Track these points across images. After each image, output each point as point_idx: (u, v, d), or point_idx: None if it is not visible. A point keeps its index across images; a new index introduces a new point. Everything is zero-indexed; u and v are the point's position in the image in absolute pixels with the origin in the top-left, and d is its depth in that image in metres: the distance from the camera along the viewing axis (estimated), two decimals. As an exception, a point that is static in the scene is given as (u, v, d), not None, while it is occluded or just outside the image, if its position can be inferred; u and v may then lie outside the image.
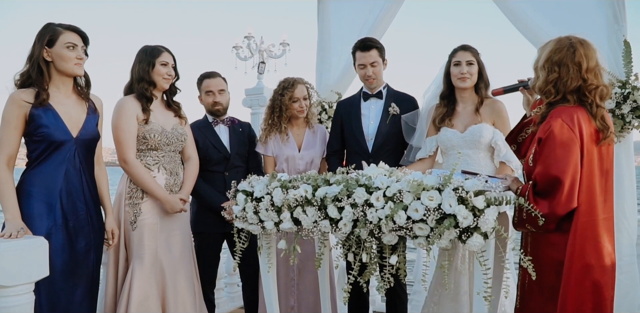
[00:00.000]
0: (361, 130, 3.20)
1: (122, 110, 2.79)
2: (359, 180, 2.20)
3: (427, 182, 2.05)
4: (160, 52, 2.87)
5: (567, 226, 2.08)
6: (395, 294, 3.07)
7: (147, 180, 2.78)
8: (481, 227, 1.96)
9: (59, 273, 2.37)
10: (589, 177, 2.09)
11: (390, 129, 3.15)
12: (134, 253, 2.74)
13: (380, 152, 3.13)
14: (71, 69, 2.49)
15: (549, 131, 2.07)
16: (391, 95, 3.23)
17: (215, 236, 3.27)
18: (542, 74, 2.17)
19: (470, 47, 2.96)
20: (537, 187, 2.09)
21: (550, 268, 2.10)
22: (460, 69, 2.90)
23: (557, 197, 2.03)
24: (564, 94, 2.13)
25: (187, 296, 2.85)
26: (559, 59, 2.13)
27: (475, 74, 2.92)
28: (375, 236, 2.15)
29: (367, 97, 3.27)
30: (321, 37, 4.39)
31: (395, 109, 3.16)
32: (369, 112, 3.23)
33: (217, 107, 3.31)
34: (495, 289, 2.20)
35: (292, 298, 3.26)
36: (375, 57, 3.17)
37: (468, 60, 2.91)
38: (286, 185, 2.39)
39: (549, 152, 2.06)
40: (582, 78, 2.11)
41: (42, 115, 2.42)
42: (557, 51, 2.15)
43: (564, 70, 2.12)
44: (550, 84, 2.15)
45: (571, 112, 2.09)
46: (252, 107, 4.78)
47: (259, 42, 5.43)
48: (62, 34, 2.47)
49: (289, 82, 3.25)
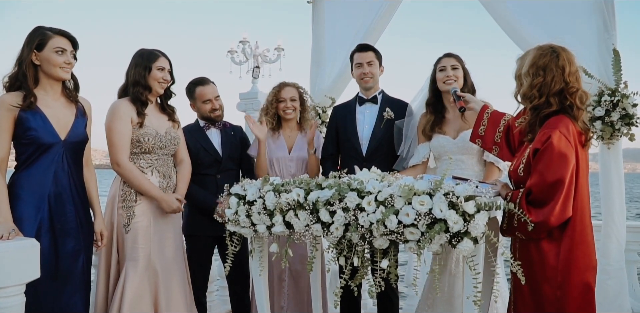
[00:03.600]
0: (356, 134, 3.24)
1: (116, 112, 2.79)
2: (351, 184, 2.22)
3: (418, 186, 2.07)
4: (157, 57, 2.88)
5: (557, 234, 2.12)
6: (387, 298, 3.08)
7: (141, 180, 2.78)
8: (471, 232, 1.97)
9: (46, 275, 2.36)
10: (583, 184, 2.15)
11: (384, 133, 3.19)
12: (127, 256, 2.73)
13: (374, 156, 3.17)
14: (58, 73, 2.49)
15: (547, 143, 2.11)
16: (386, 100, 3.28)
17: (207, 239, 3.27)
18: (527, 80, 2.24)
19: (454, 54, 3.03)
20: (531, 197, 2.11)
21: (542, 274, 2.13)
22: (445, 73, 2.96)
23: (551, 207, 2.07)
24: (547, 96, 2.19)
25: (179, 298, 2.85)
26: (543, 63, 2.21)
27: (460, 78, 2.97)
28: (366, 240, 2.16)
29: (362, 102, 3.32)
30: (315, 42, 4.41)
31: (390, 114, 3.21)
32: (364, 116, 3.28)
33: (216, 113, 3.33)
34: (485, 293, 2.22)
35: (284, 301, 3.27)
36: (372, 57, 3.25)
37: (453, 65, 2.97)
38: (278, 188, 2.40)
39: (547, 163, 2.10)
40: (564, 81, 2.19)
41: (30, 118, 2.42)
42: (541, 56, 2.22)
43: (549, 73, 2.19)
44: (534, 88, 2.21)
45: (567, 123, 2.15)
46: (247, 111, 4.80)
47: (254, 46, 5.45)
48: (51, 38, 2.47)
49: (278, 84, 3.39)
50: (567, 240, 2.12)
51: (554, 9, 3.46)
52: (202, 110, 3.33)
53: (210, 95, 3.31)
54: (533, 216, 2.06)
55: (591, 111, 3.27)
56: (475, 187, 2.05)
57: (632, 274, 3.58)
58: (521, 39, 3.51)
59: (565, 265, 2.11)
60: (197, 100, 3.33)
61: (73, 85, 2.63)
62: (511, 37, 3.57)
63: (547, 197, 2.08)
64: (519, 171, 2.23)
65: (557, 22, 3.43)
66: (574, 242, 2.12)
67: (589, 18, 3.34)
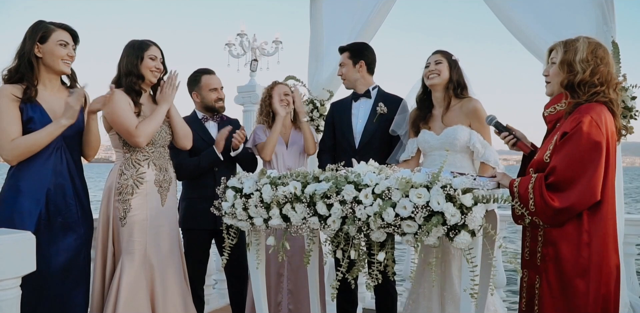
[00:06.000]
0: (350, 128, 3.32)
1: (116, 100, 2.75)
2: (348, 177, 2.21)
3: (415, 179, 2.06)
4: (148, 46, 2.86)
5: (587, 217, 2.08)
6: (385, 291, 3.09)
7: (156, 121, 2.79)
8: (469, 225, 1.97)
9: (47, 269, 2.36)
10: (613, 174, 2.12)
11: (377, 127, 3.26)
12: (124, 249, 2.73)
13: (366, 149, 3.24)
14: (60, 66, 2.53)
15: (577, 127, 2.07)
16: (380, 95, 3.35)
17: (204, 232, 3.27)
18: (585, 66, 2.16)
19: (442, 51, 3.03)
20: (552, 179, 2.06)
21: (574, 264, 2.08)
22: (429, 68, 2.99)
23: (574, 192, 2.03)
24: (607, 87, 2.16)
25: (175, 292, 2.84)
26: (601, 54, 2.18)
27: (444, 72, 2.96)
28: (363, 233, 2.16)
29: (356, 98, 3.40)
30: (314, 35, 4.40)
31: (382, 109, 3.27)
32: (358, 111, 3.37)
33: (220, 104, 3.36)
34: (482, 287, 2.22)
35: (281, 295, 3.28)
36: (343, 59, 3.38)
37: (436, 60, 2.99)
38: (275, 181, 2.39)
39: (574, 148, 2.06)
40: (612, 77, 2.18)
41: (30, 110, 2.44)
42: (598, 47, 2.19)
43: (606, 65, 2.17)
44: (595, 76, 2.16)
45: (599, 110, 2.11)
46: (245, 105, 4.78)
47: (251, 39, 5.41)
48: (54, 31, 2.51)
49: (273, 82, 3.50)
50: (595, 224, 2.08)
51: (552, 2, 3.45)
52: (208, 99, 3.32)
53: (216, 84, 3.33)
54: (557, 202, 2.03)
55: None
56: (473, 179, 2.04)
57: (630, 267, 3.58)
58: (519, 31, 3.50)
59: (592, 253, 2.07)
60: (203, 89, 3.32)
61: (70, 79, 2.65)
62: (509, 29, 3.56)
63: (573, 176, 2.04)
64: (544, 158, 2.17)
65: (556, 14, 3.42)
66: (602, 229, 2.09)
67: (588, 10, 3.33)
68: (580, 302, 2.07)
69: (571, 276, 2.08)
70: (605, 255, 2.10)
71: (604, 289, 2.08)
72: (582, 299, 2.06)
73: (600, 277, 2.08)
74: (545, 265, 2.15)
